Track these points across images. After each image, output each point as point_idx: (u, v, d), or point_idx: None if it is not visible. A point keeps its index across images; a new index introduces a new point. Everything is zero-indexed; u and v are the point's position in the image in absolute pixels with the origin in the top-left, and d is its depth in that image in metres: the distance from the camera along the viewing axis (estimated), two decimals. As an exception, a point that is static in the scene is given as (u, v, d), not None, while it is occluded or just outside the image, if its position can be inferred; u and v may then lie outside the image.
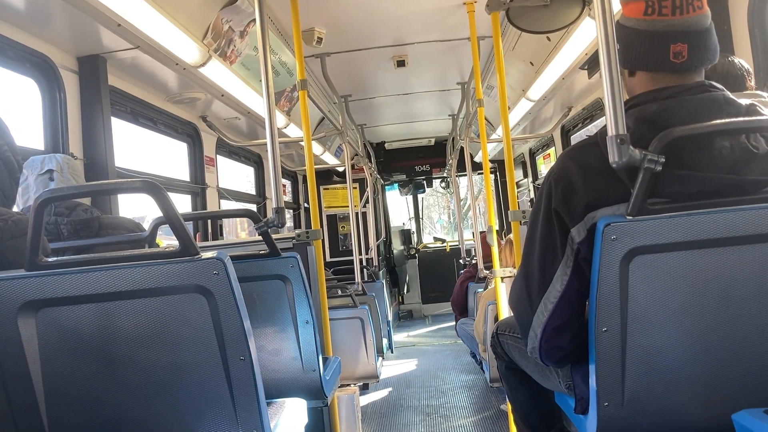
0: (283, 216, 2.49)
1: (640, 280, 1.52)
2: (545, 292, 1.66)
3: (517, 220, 3.04)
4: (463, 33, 4.63)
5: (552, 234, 1.65)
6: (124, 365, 1.62)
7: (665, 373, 1.56)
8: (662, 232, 1.50)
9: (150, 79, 3.82)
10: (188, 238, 1.58)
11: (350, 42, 4.83)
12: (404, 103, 7.12)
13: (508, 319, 2.31)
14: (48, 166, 2.50)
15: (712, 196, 1.51)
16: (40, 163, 2.51)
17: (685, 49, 1.58)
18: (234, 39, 3.86)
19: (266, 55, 2.58)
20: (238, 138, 5.71)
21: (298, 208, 8.45)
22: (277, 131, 2.64)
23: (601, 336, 1.55)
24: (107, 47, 3.21)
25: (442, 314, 10.19)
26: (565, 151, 1.72)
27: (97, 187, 1.94)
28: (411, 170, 10.27)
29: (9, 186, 1.76)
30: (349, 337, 4.31)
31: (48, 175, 2.48)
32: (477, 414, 4.70)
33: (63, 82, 3.16)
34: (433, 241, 11.68)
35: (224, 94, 4.26)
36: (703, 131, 1.50)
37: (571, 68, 4.20)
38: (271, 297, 2.46)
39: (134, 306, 1.59)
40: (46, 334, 1.60)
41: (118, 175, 3.51)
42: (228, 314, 1.59)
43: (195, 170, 4.98)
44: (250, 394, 1.63)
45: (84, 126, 3.29)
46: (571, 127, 5.82)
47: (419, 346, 7.96)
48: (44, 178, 2.48)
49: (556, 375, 1.90)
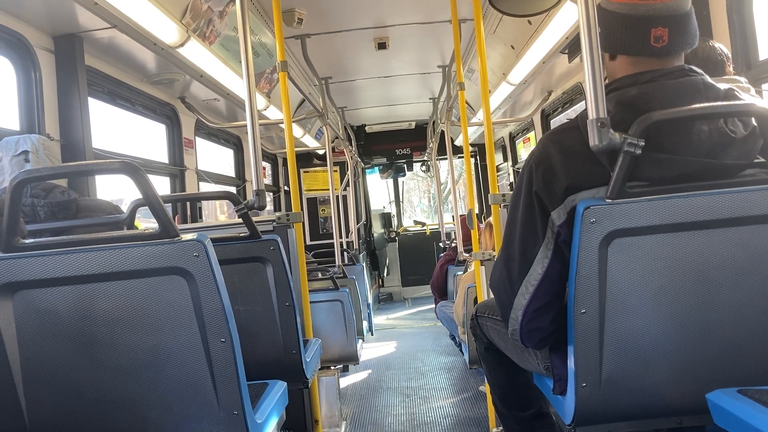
0: (264, 198, 2.48)
1: (618, 263, 1.54)
2: (526, 275, 1.68)
3: (497, 204, 3.05)
4: (444, 15, 4.62)
5: (533, 217, 1.66)
6: (103, 348, 1.61)
7: (642, 354, 1.59)
8: (641, 216, 1.51)
9: (127, 60, 3.76)
10: (168, 220, 1.57)
11: (331, 23, 4.79)
12: (385, 86, 7.10)
13: (488, 302, 2.33)
14: (23, 147, 2.44)
15: (691, 180, 1.53)
16: (15, 144, 2.45)
17: (665, 33, 1.59)
18: (213, 19, 3.81)
19: (246, 36, 2.55)
20: (218, 120, 5.66)
21: (278, 191, 8.41)
22: (257, 113, 2.62)
23: (580, 318, 1.57)
24: (83, 26, 3.15)
25: (421, 297, 10.24)
26: (545, 135, 1.73)
27: (74, 168, 1.92)
28: (392, 153, 10.26)
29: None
30: (329, 320, 4.32)
31: (23, 156, 2.43)
32: (456, 395, 4.75)
33: (38, 61, 3.10)
34: (413, 224, 11.70)
35: (203, 75, 4.21)
36: (683, 115, 1.52)
37: (551, 52, 4.21)
38: (251, 279, 2.46)
39: (113, 288, 1.58)
40: (23, 317, 1.58)
41: (96, 156, 3.46)
42: (208, 296, 1.58)
43: (174, 152, 4.92)
44: (231, 376, 1.63)
45: (60, 106, 3.23)
46: (551, 111, 5.84)
47: (399, 328, 8.00)
48: (19, 159, 2.43)
49: (534, 356, 1.92)
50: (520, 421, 2.30)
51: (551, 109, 5.82)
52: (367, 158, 10.24)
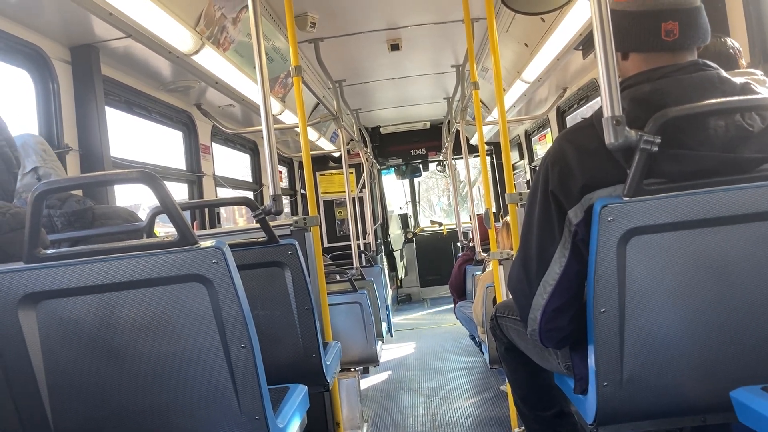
0: (280, 203, 2.49)
1: (637, 261, 1.53)
2: (544, 275, 1.67)
3: (513, 203, 3.03)
4: (456, 15, 4.61)
5: (549, 216, 1.66)
6: (125, 355, 1.63)
7: (663, 353, 1.58)
8: (659, 213, 1.50)
9: (143, 68, 3.79)
10: (186, 227, 1.58)
11: (344, 26, 4.80)
12: (399, 87, 7.09)
13: (507, 302, 2.32)
14: (30, 164, 2.31)
15: (708, 176, 1.52)
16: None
17: (676, 27, 1.58)
18: (227, 26, 3.83)
19: (260, 42, 2.57)
20: (234, 125, 5.69)
21: (294, 194, 8.44)
22: (272, 118, 2.63)
23: (600, 317, 1.56)
24: (99, 37, 3.19)
25: (440, 297, 10.22)
26: (561, 134, 1.72)
27: (93, 179, 1.93)
28: (407, 154, 10.25)
29: (7, 180, 1.75)
30: (348, 322, 4.32)
31: (33, 174, 2.29)
32: (477, 395, 4.73)
33: (56, 72, 3.13)
34: (430, 224, 11.68)
35: (218, 82, 4.24)
36: (699, 111, 1.50)
37: (565, 49, 4.18)
38: (270, 284, 2.47)
39: (134, 296, 1.60)
40: (46, 326, 1.60)
41: (114, 165, 3.50)
42: (228, 302, 1.59)
43: (191, 158, 4.96)
44: (252, 381, 1.64)
45: (78, 116, 3.27)
46: (566, 108, 5.81)
47: (418, 329, 8.00)
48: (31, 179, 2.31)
49: (555, 356, 1.91)
50: (542, 421, 2.29)
51: (567, 106, 5.78)
52: (383, 159, 10.25)
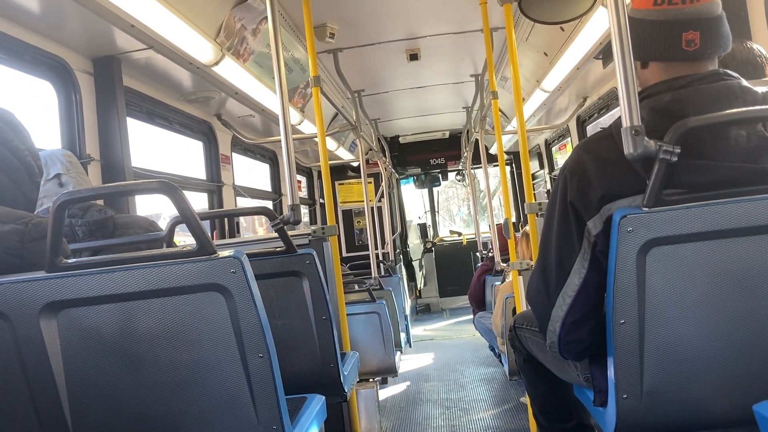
0: (299, 213, 2.50)
1: (657, 272, 1.51)
2: (563, 286, 1.66)
3: (533, 213, 3.02)
4: (475, 25, 4.61)
5: (568, 227, 1.65)
6: (145, 364, 1.64)
7: (684, 365, 1.55)
8: (679, 223, 1.48)
9: (164, 79, 3.84)
10: (205, 237, 1.59)
11: (362, 36, 4.83)
12: (418, 97, 7.10)
13: (526, 313, 2.31)
14: (54, 170, 2.40)
15: (729, 186, 1.50)
16: (44, 165, 2.41)
17: (697, 36, 1.57)
18: (246, 37, 3.87)
19: (279, 52, 2.59)
20: (253, 135, 5.73)
21: (313, 203, 8.47)
22: (291, 128, 2.65)
23: (619, 328, 1.54)
24: (121, 48, 3.24)
25: (459, 308, 10.18)
26: (579, 144, 1.72)
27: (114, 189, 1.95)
28: (426, 163, 10.24)
29: (29, 189, 1.78)
30: (366, 332, 4.32)
31: (56, 180, 2.40)
32: (496, 407, 4.70)
33: (78, 83, 3.18)
34: (449, 234, 11.65)
35: (238, 92, 4.27)
36: (719, 120, 1.49)
37: (585, 58, 4.16)
38: (288, 294, 2.47)
39: (153, 305, 1.61)
40: (67, 335, 1.62)
41: (135, 175, 3.54)
42: (246, 312, 1.60)
43: (211, 168, 5.01)
44: (269, 390, 1.64)
45: (100, 127, 3.31)
46: (586, 117, 5.77)
47: (437, 339, 7.96)
48: (53, 183, 2.40)
49: (574, 368, 1.90)
50: (562, 433, 2.27)
51: (587, 115, 5.75)
52: (402, 169, 10.25)
